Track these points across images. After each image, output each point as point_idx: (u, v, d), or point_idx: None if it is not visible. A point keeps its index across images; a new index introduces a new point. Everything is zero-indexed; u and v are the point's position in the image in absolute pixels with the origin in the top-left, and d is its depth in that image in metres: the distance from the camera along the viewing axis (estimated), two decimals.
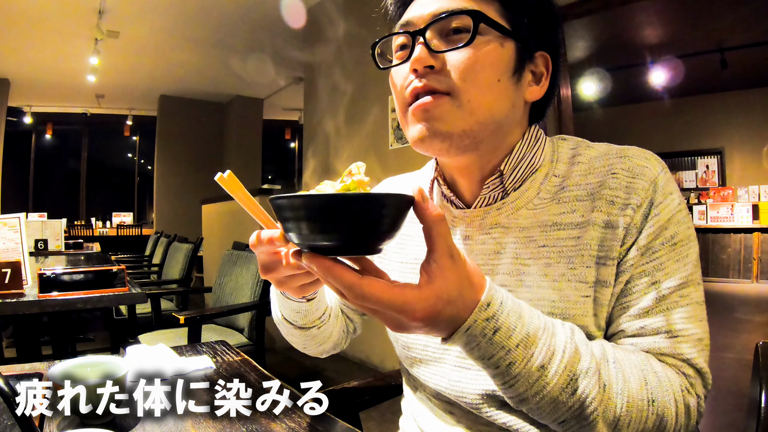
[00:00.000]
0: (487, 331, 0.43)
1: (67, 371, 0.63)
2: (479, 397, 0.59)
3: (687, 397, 0.51)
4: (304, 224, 0.39)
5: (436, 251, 0.41)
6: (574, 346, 0.46)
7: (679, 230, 0.53)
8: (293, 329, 0.69)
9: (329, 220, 0.38)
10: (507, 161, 0.59)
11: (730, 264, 6.60)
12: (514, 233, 0.59)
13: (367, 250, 0.41)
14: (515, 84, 0.57)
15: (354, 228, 0.38)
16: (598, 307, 0.54)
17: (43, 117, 7.77)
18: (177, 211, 7.05)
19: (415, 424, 0.71)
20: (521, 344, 0.44)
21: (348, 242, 0.39)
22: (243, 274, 2.27)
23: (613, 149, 0.59)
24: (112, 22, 4.38)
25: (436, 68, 0.54)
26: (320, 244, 0.39)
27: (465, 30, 0.54)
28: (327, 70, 3.81)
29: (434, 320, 0.41)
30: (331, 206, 0.37)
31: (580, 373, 0.45)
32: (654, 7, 4.18)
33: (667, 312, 0.52)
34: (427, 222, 0.41)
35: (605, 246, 0.54)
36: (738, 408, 0.64)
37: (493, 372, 0.45)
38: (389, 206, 0.39)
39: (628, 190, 0.54)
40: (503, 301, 0.44)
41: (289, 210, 0.39)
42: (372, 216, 0.38)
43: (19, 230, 1.75)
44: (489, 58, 0.55)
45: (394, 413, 0.81)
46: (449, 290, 0.41)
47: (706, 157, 7.32)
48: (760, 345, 0.64)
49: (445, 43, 0.56)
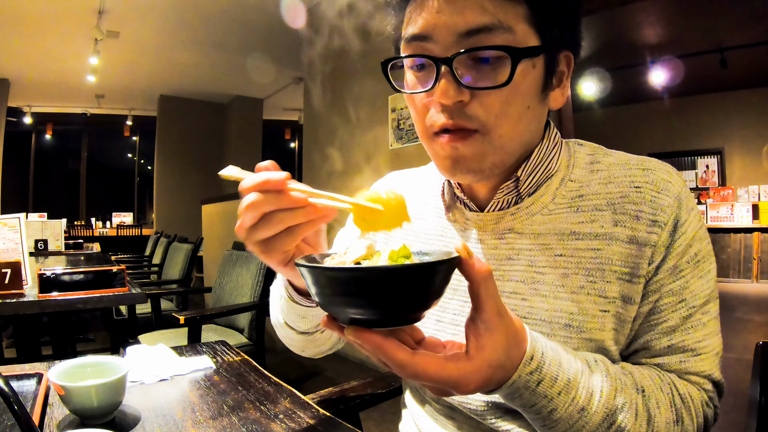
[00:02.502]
0: (531, 384, 0.43)
1: (67, 371, 0.63)
2: (484, 405, 0.59)
3: (706, 410, 0.54)
4: (347, 298, 0.36)
5: (485, 311, 0.40)
6: (610, 384, 0.48)
7: (702, 247, 0.54)
8: (294, 334, 0.67)
9: (376, 294, 0.35)
10: (524, 167, 0.58)
11: (730, 264, 6.61)
12: (528, 239, 0.58)
13: (414, 320, 0.39)
14: (543, 101, 0.55)
15: (403, 300, 0.36)
16: (620, 323, 0.54)
17: (43, 117, 7.78)
18: (177, 211, 7.06)
19: (416, 429, 0.71)
20: (563, 391, 0.44)
21: (395, 315, 0.37)
22: (243, 274, 2.27)
23: (634, 159, 0.58)
24: (112, 22, 4.38)
25: (464, 101, 0.51)
26: (364, 318, 0.37)
27: (497, 59, 0.50)
28: (327, 70, 3.81)
29: (485, 387, 0.41)
30: (380, 280, 0.35)
31: (615, 408, 0.47)
32: (654, 7, 4.19)
33: (692, 330, 0.54)
34: (476, 280, 0.39)
35: (630, 263, 0.53)
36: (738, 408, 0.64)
37: (534, 417, 0.46)
38: (439, 273, 0.37)
39: (653, 205, 0.53)
40: (544, 352, 0.44)
41: (330, 282, 0.36)
42: (422, 287, 0.36)
43: (19, 230, 1.75)
44: (521, 89, 0.51)
45: (394, 413, 0.81)
46: (499, 355, 0.40)
47: (706, 157, 7.33)
48: (760, 345, 0.64)
49: (473, 71, 0.51)
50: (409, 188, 0.75)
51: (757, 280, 6.38)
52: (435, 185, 0.70)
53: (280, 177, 0.44)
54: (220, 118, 7.60)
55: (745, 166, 7.02)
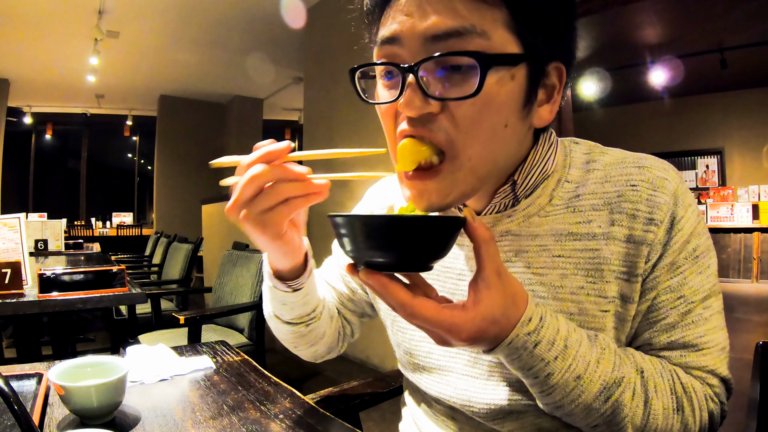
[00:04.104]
0: (528, 345, 0.45)
1: (67, 371, 0.63)
2: (487, 407, 0.58)
3: (710, 405, 0.53)
4: (364, 241, 0.41)
5: (485, 269, 0.43)
6: (609, 357, 0.48)
7: (700, 242, 0.54)
8: (280, 324, 0.68)
9: (389, 239, 0.40)
10: (520, 170, 0.56)
11: (730, 264, 6.61)
12: (526, 241, 0.58)
13: (421, 268, 0.43)
14: (524, 118, 0.50)
15: (411, 247, 0.41)
16: (620, 322, 0.54)
17: (43, 117, 7.78)
18: (177, 211, 7.05)
19: (416, 430, 0.71)
20: (560, 356, 0.46)
21: (404, 260, 0.42)
22: (243, 274, 2.27)
23: (630, 157, 0.57)
24: (112, 22, 4.38)
25: (433, 113, 0.47)
26: (378, 261, 0.42)
27: (468, 66, 0.45)
28: (327, 70, 3.81)
29: (478, 339, 0.43)
30: (392, 227, 0.40)
31: (613, 381, 0.48)
32: (654, 7, 4.18)
33: (693, 326, 0.53)
34: (478, 241, 0.43)
35: (628, 262, 0.53)
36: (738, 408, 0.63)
37: (532, 381, 0.47)
38: (444, 227, 0.42)
39: (649, 203, 0.53)
40: (543, 316, 0.46)
41: (350, 227, 0.41)
42: (428, 237, 0.41)
43: (19, 230, 1.75)
44: (496, 103, 0.46)
45: (394, 413, 0.81)
46: (494, 311, 0.43)
47: (706, 157, 7.33)
48: (760, 345, 0.64)
49: (443, 81, 0.46)
50: None
51: (757, 280, 6.38)
52: None
53: (281, 146, 0.46)
54: (220, 118, 7.59)
55: (745, 166, 7.03)
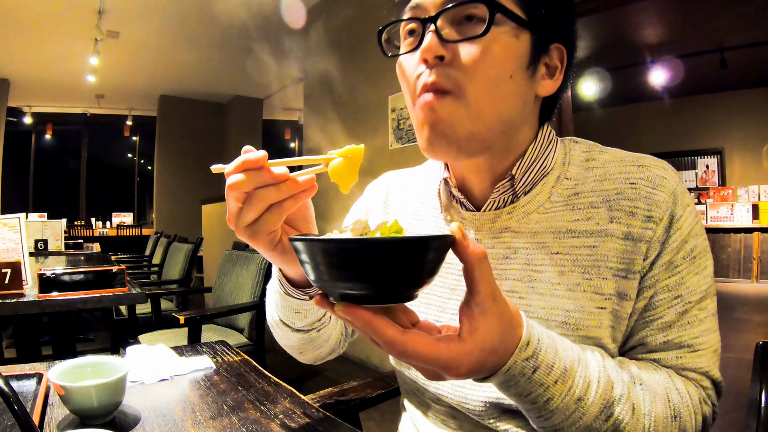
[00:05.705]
0: (527, 371, 0.42)
1: (67, 371, 0.63)
2: (482, 404, 0.59)
3: (704, 408, 0.54)
4: (337, 271, 0.35)
5: (479, 293, 0.38)
6: (607, 375, 0.47)
7: (698, 243, 0.54)
8: (289, 332, 0.66)
9: (367, 267, 0.34)
10: (519, 164, 0.58)
11: (730, 264, 6.61)
12: (525, 238, 0.58)
13: (406, 298, 0.37)
14: (528, 78, 0.55)
15: (393, 276, 0.34)
16: (616, 320, 0.54)
17: (43, 117, 7.78)
18: (177, 211, 7.05)
19: (415, 430, 0.71)
20: (559, 380, 0.43)
21: (387, 291, 0.36)
22: (243, 274, 2.27)
23: (629, 156, 0.58)
24: (112, 22, 4.38)
25: (446, 59, 0.52)
26: (355, 293, 0.35)
27: (479, 19, 0.52)
28: (327, 70, 3.81)
29: (477, 372, 0.40)
30: (371, 252, 0.33)
31: (613, 399, 0.46)
32: (654, 7, 4.19)
33: (689, 326, 0.53)
34: (470, 261, 0.38)
35: (626, 259, 0.53)
36: (738, 408, 0.64)
37: (529, 407, 0.45)
38: (430, 249, 0.35)
39: (648, 201, 0.54)
40: (540, 338, 0.43)
41: (320, 254, 0.35)
42: (412, 262, 0.34)
43: (19, 230, 1.75)
44: (503, 52, 0.52)
45: (394, 413, 0.81)
46: (492, 339, 0.39)
47: (706, 157, 7.33)
48: (760, 345, 0.64)
49: (457, 31, 0.53)
50: (406, 188, 0.75)
51: (757, 280, 6.38)
52: (431, 185, 0.70)
53: (258, 155, 0.45)
54: (220, 118, 7.60)
55: (745, 166, 7.03)
